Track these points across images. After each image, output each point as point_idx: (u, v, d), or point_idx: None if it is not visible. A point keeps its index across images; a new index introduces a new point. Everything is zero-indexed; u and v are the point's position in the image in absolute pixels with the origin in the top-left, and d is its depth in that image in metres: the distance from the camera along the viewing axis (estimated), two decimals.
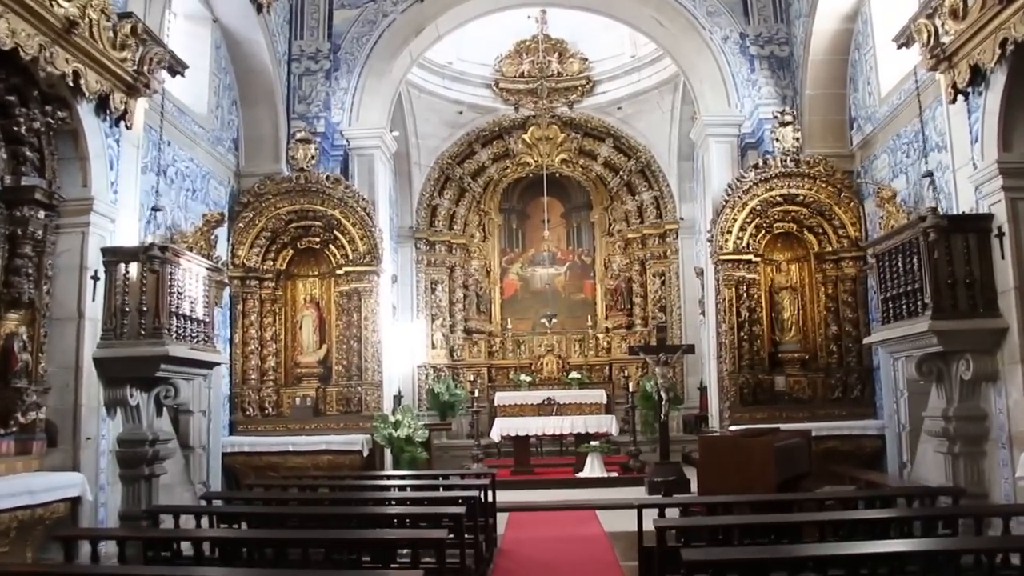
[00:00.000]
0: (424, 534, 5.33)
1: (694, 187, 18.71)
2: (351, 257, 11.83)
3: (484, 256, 20.51)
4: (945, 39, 7.05)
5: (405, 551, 5.47)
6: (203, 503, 7.41)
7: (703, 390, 17.55)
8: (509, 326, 19.94)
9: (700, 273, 16.04)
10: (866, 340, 9.81)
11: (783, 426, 10.66)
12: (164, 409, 7.95)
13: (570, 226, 20.88)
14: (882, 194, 9.96)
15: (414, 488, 8.25)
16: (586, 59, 19.05)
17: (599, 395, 17.21)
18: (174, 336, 7.50)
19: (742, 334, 11.49)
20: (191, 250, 9.73)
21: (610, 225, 20.44)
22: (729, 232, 11.62)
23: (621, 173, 19.74)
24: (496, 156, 19.94)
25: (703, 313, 16.55)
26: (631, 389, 14.06)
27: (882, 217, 10.04)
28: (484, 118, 19.34)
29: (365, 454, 10.78)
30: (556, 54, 19.03)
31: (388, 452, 10.93)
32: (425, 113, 18.76)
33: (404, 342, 18.16)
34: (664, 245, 19.40)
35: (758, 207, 11.66)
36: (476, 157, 19.80)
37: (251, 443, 11.02)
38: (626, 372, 18.64)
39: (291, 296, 12.38)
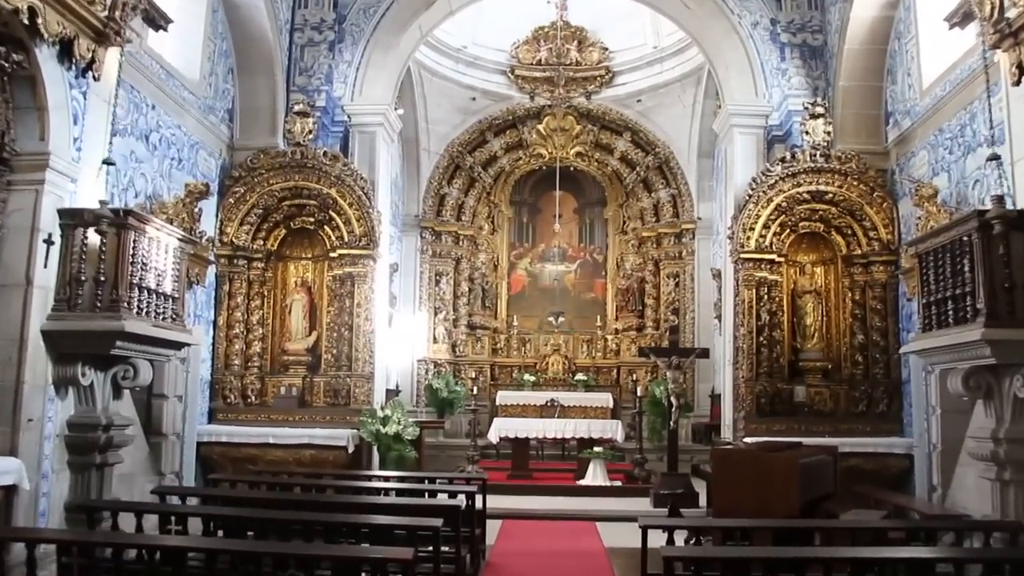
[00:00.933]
0: (392, 553, 4.56)
1: (713, 186, 17.96)
2: (346, 239, 11.08)
3: (492, 249, 19.76)
4: (1012, 12, 6.24)
5: (370, 568, 4.69)
6: (156, 498, 6.66)
7: (714, 398, 16.76)
8: (515, 323, 19.20)
9: (717, 275, 15.22)
10: (903, 349, 8.97)
11: (803, 440, 9.88)
12: (123, 392, 7.20)
13: (582, 222, 20.12)
14: (922, 192, 9.13)
15: (396, 492, 7.47)
16: (606, 48, 18.25)
17: (605, 399, 16.53)
18: (135, 311, 6.75)
19: (761, 339, 10.68)
20: (171, 222, 9.05)
21: (624, 223, 19.67)
22: (751, 229, 10.81)
23: (638, 169, 18.95)
24: (509, 146, 19.19)
25: (718, 317, 15.74)
26: (639, 394, 13.23)
27: (919, 218, 9.22)
28: (498, 106, 18.59)
29: (350, 450, 10.02)
30: (575, 42, 18.24)
31: (375, 450, 10.15)
32: (437, 98, 18.02)
33: (404, 335, 17.46)
34: (680, 245, 18.59)
35: (784, 204, 10.85)
36: (488, 146, 19.05)
37: (229, 433, 10.29)
38: (635, 376, 17.94)
39: (281, 278, 11.64)
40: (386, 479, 8.17)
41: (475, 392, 13.53)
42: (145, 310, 6.92)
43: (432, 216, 18.67)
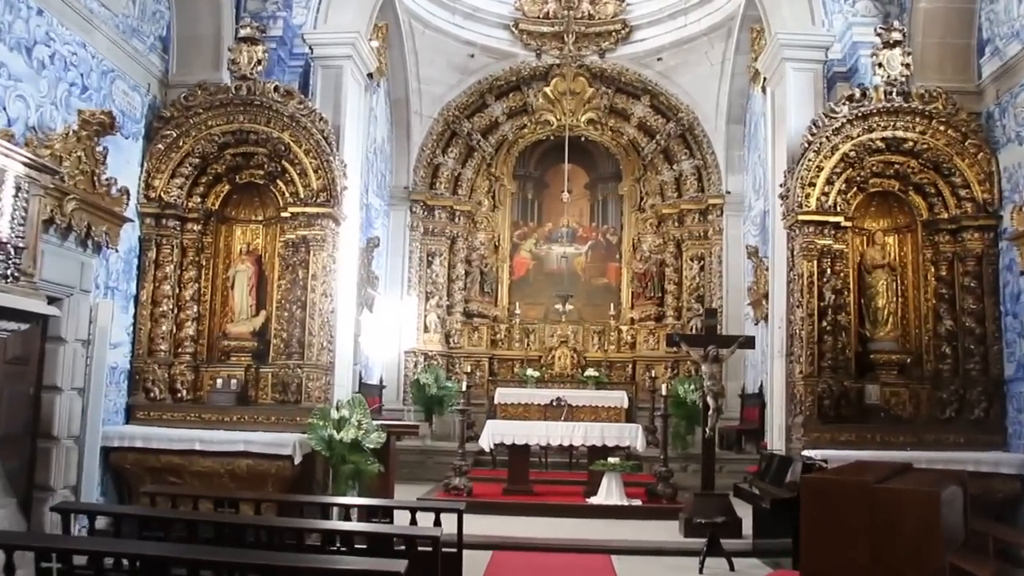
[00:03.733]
0: None
1: (745, 155, 15.72)
2: (302, 195, 8.86)
3: (492, 228, 17.58)
4: None
5: None
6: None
7: (745, 397, 14.53)
8: (517, 311, 17.02)
9: (754, 252, 13.00)
10: None
11: (877, 455, 7.66)
12: None
13: (594, 199, 17.93)
14: None
15: (341, 533, 5.25)
16: None
17: (619, 397, 14.48)
18: None
19: (824, 324, 8.42)
20: (60, 161, 6.87)
21: (642, 199, 17.47)
22: (812, 185, 8.55)
23: (658, 137, 16.74)
24: (512, 111, 17.00)
25: (753, 304, 13.54)
26: (664, 392, 10.96)
27: None
28: (499, 64, 16.36)
29: (297, 460, 7.79)
30: None
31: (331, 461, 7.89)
32: (430, 53, 15.78)
33: (390, 322, 15.29)
34: (705, 224, 16.37)
35: (852, 154, 8.59)
36: (488, 111, 16.87)
37: (145, 436, 8.06)
38: (653, 372, 15.76)
39: (224, 245, 9.45)
40: (323, 509, 5.94)
41: (465, 388, 11.22)
42: None
43: (424, 188, 16.48)
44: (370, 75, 13.79)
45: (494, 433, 10.59)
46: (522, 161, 17.80)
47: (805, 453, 7.84)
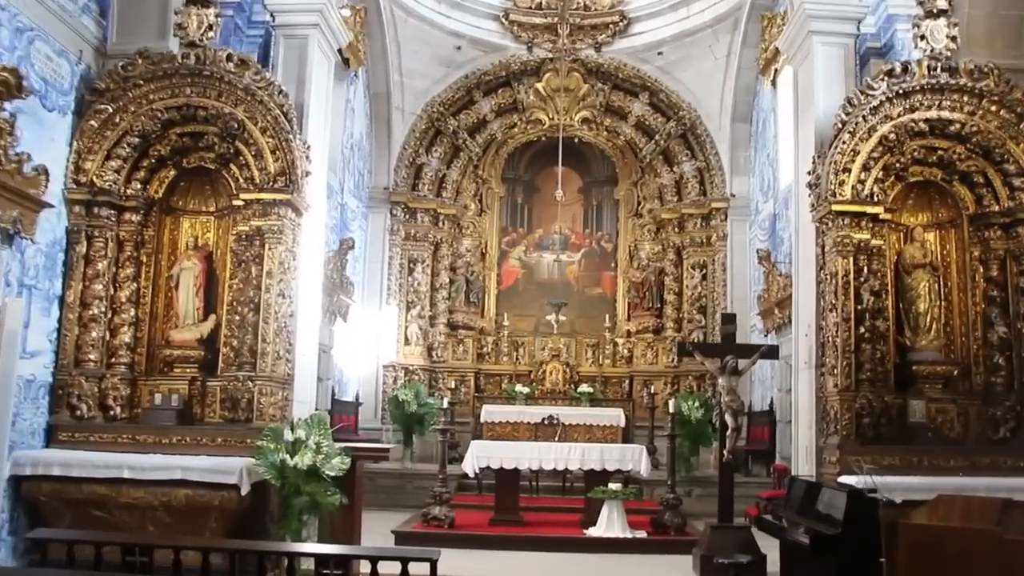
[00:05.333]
0: None
1: (750, 156, 14.64)
2: (257, 180, 7.65)
3: (479, 234, 16.46)
4: None
5: None
6: None
7: (752, 416, 13.35)
8: (505, 323, 15.89)
9: (766, 256, 11.90)
10: None
11: (927, 482, 6.50)
12: None
13: (588, 204, 16.88)
14: None
15: None
16: None
17: (615, 415, 13.56)
18: None
19: (861, 331, 7.25)
20: None
21: (639, 204, 16.40)
22: (846, 171, 7.41)
23: (657, 138, 15.70)
24: (501, 109, 15.93)
25: (762, 314, 12.40)
26: (671, 409, 9.77)
27: None
28: (488, 58, 15.31)
29: (244, 489, 6.54)
30: None
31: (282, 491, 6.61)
32: (413, 44, 14.68)
33: (367, 333, 14.12)
34: (708, 230, 15.28)
35: (892, 136, 7.46)
36: (476, 108, 15.80)
37: (65, 462, 6.76)
38: (651, 387, 14.59)
39: (170, 240, 8.21)
40: (262, 558, 4.68)
41: (447, 405, 9.97)
42: None
43: (406, 189, 15.35)
44: (346, 60, 12.73)
45: (479, 455, 9.35)
46: (511, 163, 16.74)
47: (845, 480, 6.65)
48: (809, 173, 7.80)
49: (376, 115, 15.02)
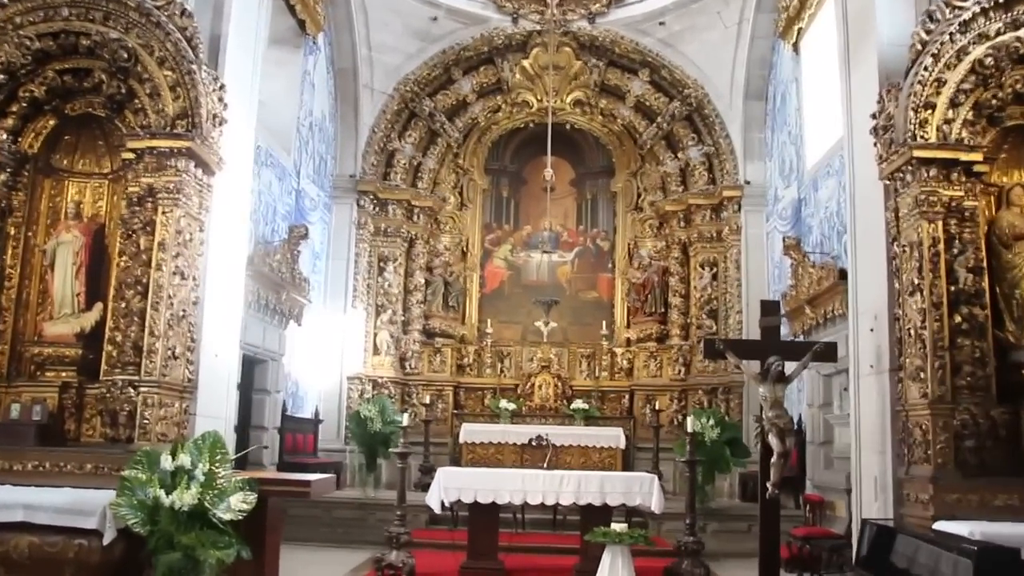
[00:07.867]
0: None
1: (766, 137, 12.90)
2: (152, 126, 5.80)
3: (459, 230, 14.68)
4: None
5: None
6: None
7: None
8: (489, 330, 14.09)
9: (794, 246, 10.08)
10: None
11: None
12: None
13: (582, 198, 15.14)
14: None
15: None
16: None
17: (614, 436, 12.03)
18: None
19: (957, 320, 5.41)
20: None
21: (639, 196, 14.66)
22: (929, 108, 5.61)
23: (659, 120, 13.98)
24: (484, 89, 14.20)
25: (788, 315, 10.56)
26: (690, 429, 7.89)
27: None
28: (468, 31, 13.60)
29: (108, 537, 4.63)
30: None
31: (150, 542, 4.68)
32: (384, 14, 12.98)
33: (328, 341, 12.25)
34: (718, 222, 13.52)
35: (987, 62, 5.65)
36: (455, 87, 14.08)
37: None
38: (655, 403, 12.80)
39: (48, 208, 6.38)
40: None
41: (406, 423, 8.02)
42: None
43: (376, 177, 13.56)
44: (302, 23, 10.99)
45: (448, 487, 7.40)
46: (496, 152, 15.00)
47: (943, 527, 4.80)
48: (874, 116, 5.99)
49: (342, 94, 13.23)
